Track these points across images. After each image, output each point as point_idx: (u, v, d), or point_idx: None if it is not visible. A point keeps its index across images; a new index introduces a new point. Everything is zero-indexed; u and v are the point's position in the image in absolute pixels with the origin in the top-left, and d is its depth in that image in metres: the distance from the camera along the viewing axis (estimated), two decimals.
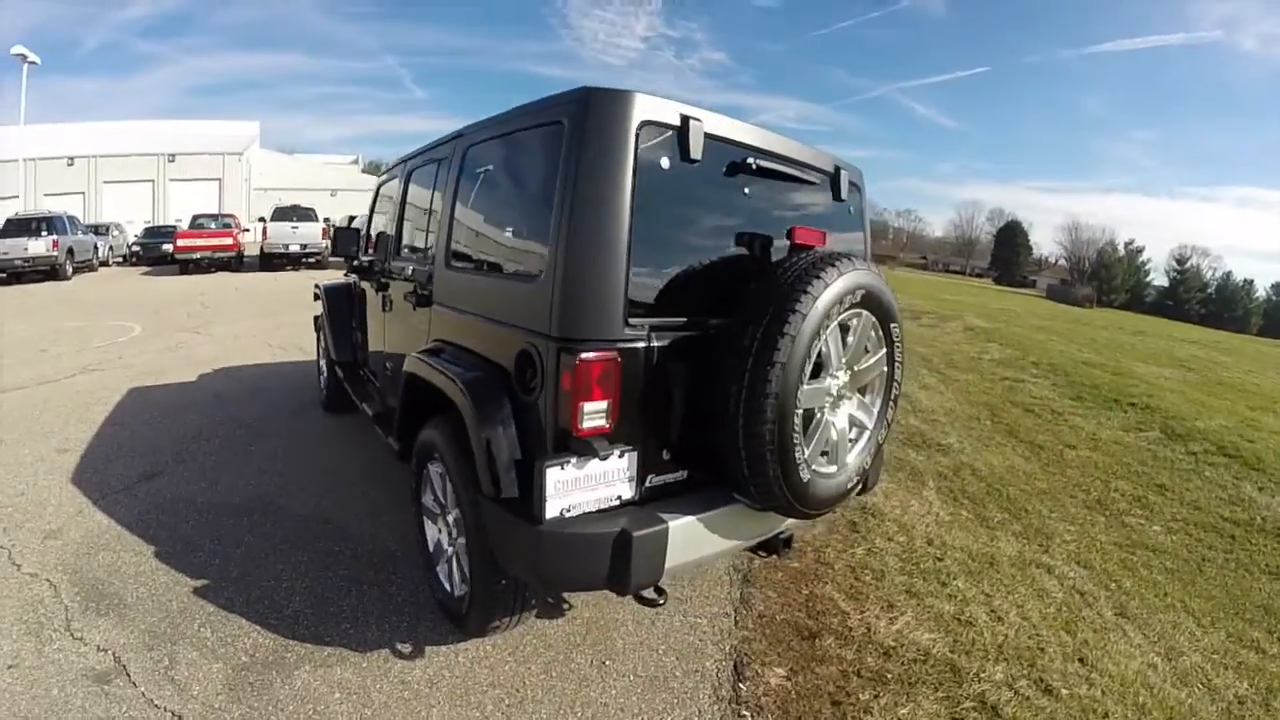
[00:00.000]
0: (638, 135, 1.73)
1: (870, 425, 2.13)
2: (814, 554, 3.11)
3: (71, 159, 29.47)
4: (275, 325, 8.98)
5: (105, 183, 29.89)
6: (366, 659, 2.21)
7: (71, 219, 16.52)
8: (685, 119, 1.83)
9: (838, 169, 2.39)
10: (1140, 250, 65.33)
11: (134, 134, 31.80)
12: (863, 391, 2.11)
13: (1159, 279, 63.71)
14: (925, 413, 6.01)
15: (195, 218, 18.67)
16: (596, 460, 1.73)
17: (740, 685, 2.16)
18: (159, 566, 2.75)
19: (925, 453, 4.80)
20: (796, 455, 1.79)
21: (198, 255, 16.53)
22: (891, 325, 2.07)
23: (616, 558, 1.70)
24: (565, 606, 2.55)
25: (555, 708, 2.01)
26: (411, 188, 3.19)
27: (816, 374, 1.88)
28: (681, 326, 1.88)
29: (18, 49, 20.95)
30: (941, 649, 2.41)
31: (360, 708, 1.98)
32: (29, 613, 2.38)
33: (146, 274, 17.12)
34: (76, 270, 15.85)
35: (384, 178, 4.05)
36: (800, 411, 1.77)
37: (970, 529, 3.54)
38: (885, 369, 2.12)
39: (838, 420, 2.00)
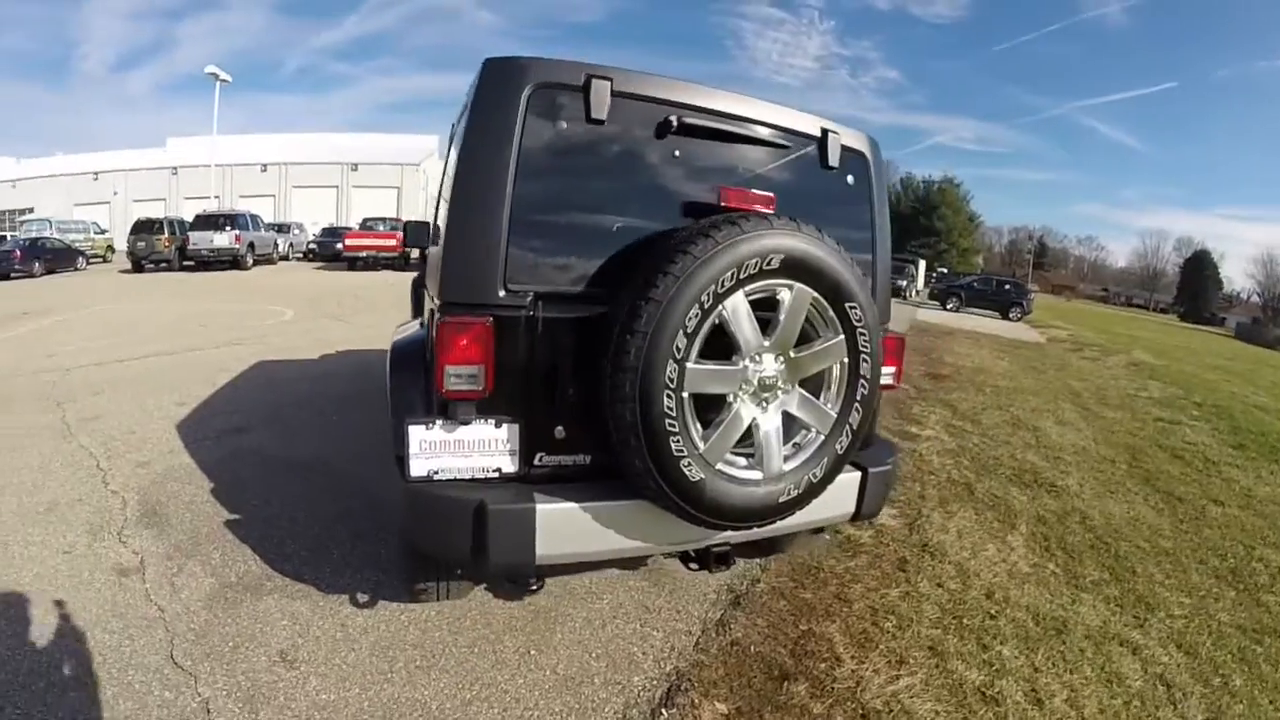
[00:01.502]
0: (529, 100, 1.85)
1: (824, 430, 2.00)
2: (836, 587, 2.95)
3: (265, 165, 37.02)
4: None
5: (294, 187, 37.05)
6: (325, 599, 2.61)
7: (254, 217, 20.87)
8: (589, 79, 1.89)
9: (825, 132, 2.29)
10: None
11: (322, 144, 39.05)
12: (815, 389, 2.01)
13: None
14: (1050, 449, 5.60)
15: (364, 220, 22.38)
16: (463, 425, 1.84)
17: (662, 711, 2.15)
18: (209, 499, 3.47)
19: (1030, 493, 4.45)
20: (674, 446, 1.73)
21: (363, 254, 19.77)
22: (849, 306, 1.93)
23: (476, 531, 1.79)
24: (535, 588, 2.71)
25: (456, 680, 2.20)
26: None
27: (727, 356, 1.83)
28: (579, 298, 1.91)
29: (210, 68, 26.57)
30: None
31: (295, 636, 2.37)
32: (98, 517, 3.18)
33: (319, 269, 20.89)
34: (256, 262, 19.96)
35: None
36: (684, 395, 1.73)
37: (1050, 587, 3.15)
38: (845, 360, 1.99)
39: (765, 417, 1.91)
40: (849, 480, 2.32)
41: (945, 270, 40.83)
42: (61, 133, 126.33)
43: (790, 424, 1.98)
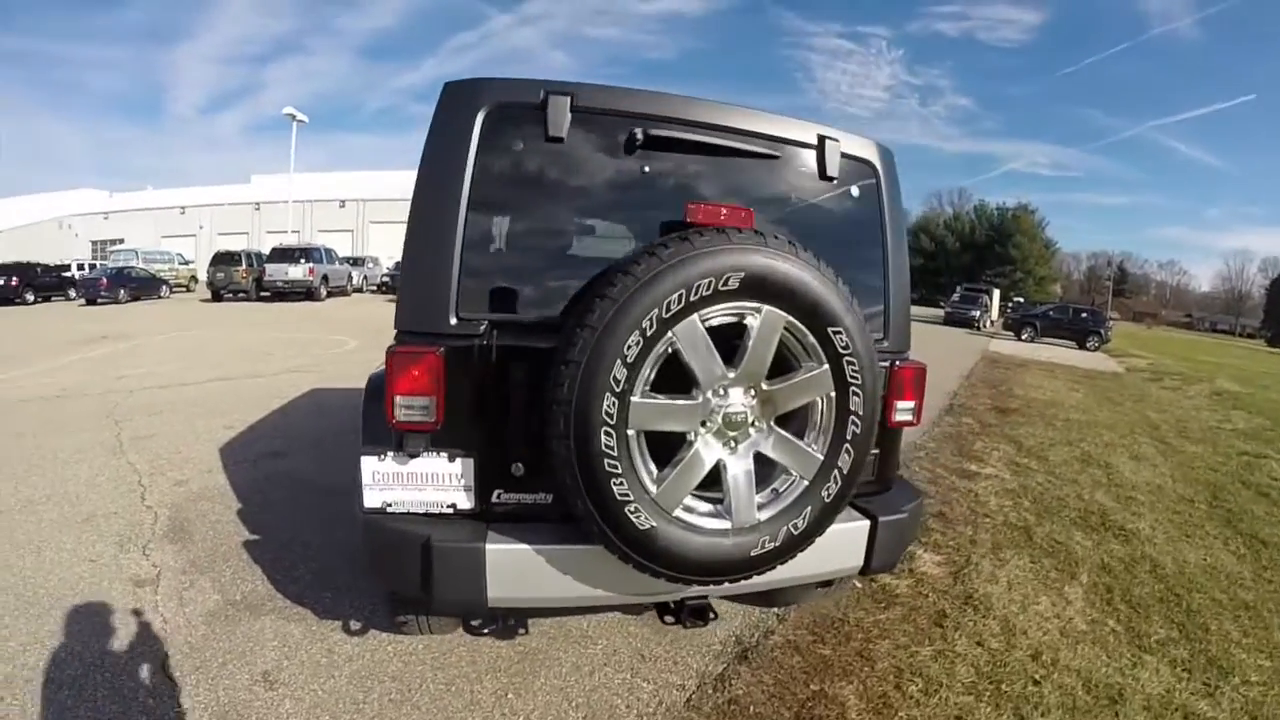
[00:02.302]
0: (484, 121, 1.87)
1: (808, 475, 1.88)
2: (860, 642, 2.81)
3: (343, 201, 40.23)
4: None
5: (371, 222, 39.98)
6: (319, 624, 2.73)
7: (328, 251, 22.69)
8: (547, 95, 1.87)
9: (823, 139, 2.17)
10: None
11: (400, 181, 41.69)
12: (797, 428, 1.91)
13: None
14: (1122, 488, 5.33)
15: None
16: (415, 457, 1.86)
17: None
18: (234, 519, 3.72)
19: (1096, 537, 4.24)
20: (616, 489, 1.67)
21: None
22: (833, 331, 1.80)
23: (424, 566, 1.79)
24: (520, 631, 2.75)
25: (425, 717, 2.23)
26: None
27: (685, 388, 1.76)
28: (537, 327, 1.87)
29: (287, 109, 29.15)
30: None
31: (282, 658, 2.49)
32: (128, 530, 3.48)
33: (389, 301, 22.12)
34: (330, 294, 21.59)
35: None
36: (629, 433, 1.69)
37: (1108, 647, 2.89)
38: (832, 393, 1.86)
39: (734, 460, 1.83)
40: (854, 530, 2.22)
41: (1021, 299, 41.03)
42: (152, 169, 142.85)
43: (769, 468, 1.90)
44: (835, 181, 2.23)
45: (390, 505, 1.91)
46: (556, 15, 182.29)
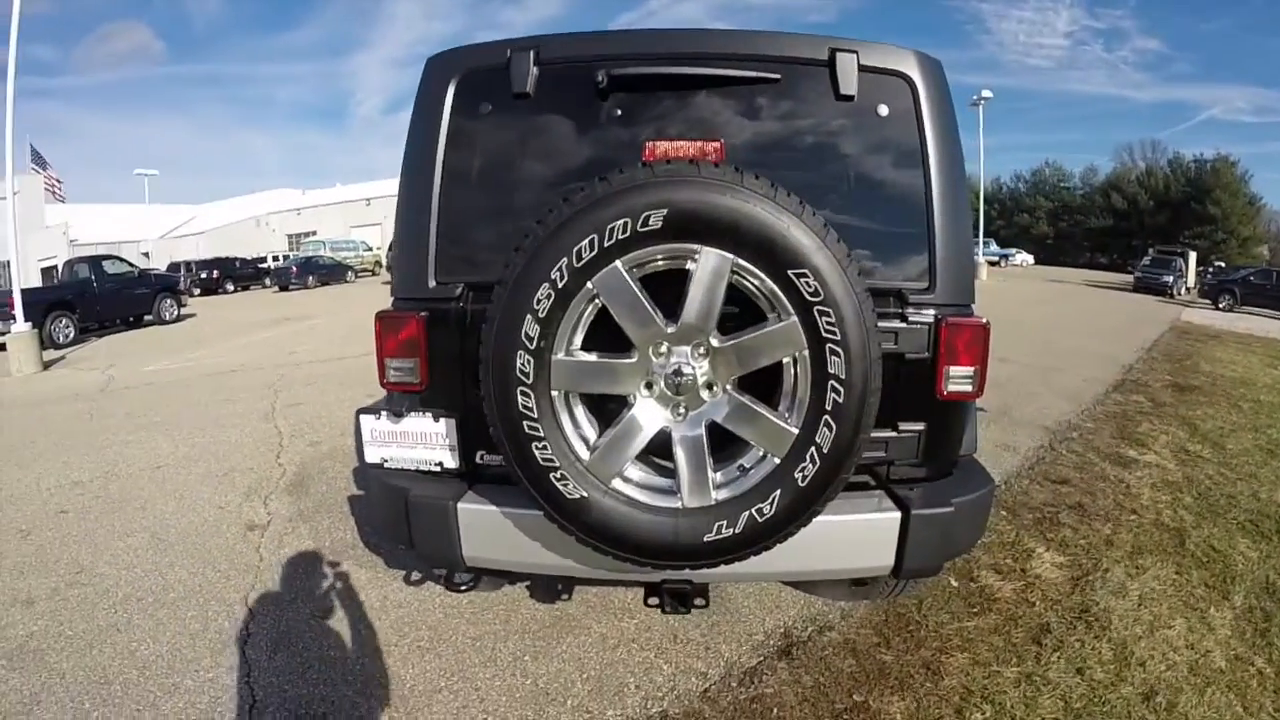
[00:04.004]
0: (456, 88, 1.99)
1: (778, 452, 1.70)
2: (932, 652, 2.61)
3: None
4: None
5: None
6: (386, 574, 3.12)
7: None
8: (511, 53, 1.94)
9: (834, 52, 1.94)
10: None
11: None
12: (764, 392, 1.76)
13: None
14: None
15: None
16: (405, 416, 2.02)
17: None
18: (347, 477, 4.33)
19: (1266, 547, 3.63)
20: (538, 453, 1.67)
21: None
22: (795, 274, 1.58)
23: (407, 520, 1.97)
24: (563, 597, 2.90)
25: (442, 666, 2.50)
26: None
27: (623, 346, 1.70)
28: None
29: None
30: None
31: (342, 597, 2.91)
32: (257, 483, 4.19)
33: None
34: None
35: None
36: (554, 394, 1.68)
37: (1248, 694, 2.42)
38: (805, 353, 1.65)
39: (681, 428, 1.73)
40: (880, 522, 1.98)
41: (1222, 264, 36.04)
42: (340, 167, 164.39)
43: (734, 441, 1.78)
44: (855, 101, 1.97)
45: (387, 461, 2.11)
46: None
